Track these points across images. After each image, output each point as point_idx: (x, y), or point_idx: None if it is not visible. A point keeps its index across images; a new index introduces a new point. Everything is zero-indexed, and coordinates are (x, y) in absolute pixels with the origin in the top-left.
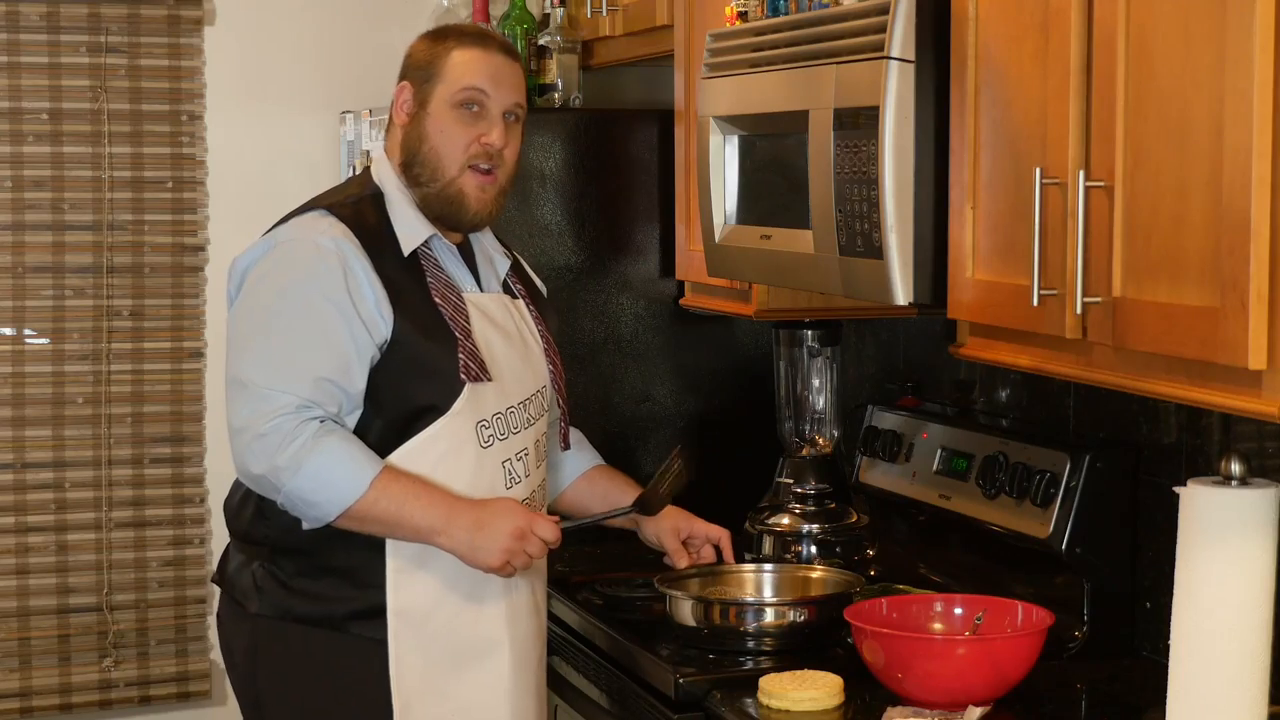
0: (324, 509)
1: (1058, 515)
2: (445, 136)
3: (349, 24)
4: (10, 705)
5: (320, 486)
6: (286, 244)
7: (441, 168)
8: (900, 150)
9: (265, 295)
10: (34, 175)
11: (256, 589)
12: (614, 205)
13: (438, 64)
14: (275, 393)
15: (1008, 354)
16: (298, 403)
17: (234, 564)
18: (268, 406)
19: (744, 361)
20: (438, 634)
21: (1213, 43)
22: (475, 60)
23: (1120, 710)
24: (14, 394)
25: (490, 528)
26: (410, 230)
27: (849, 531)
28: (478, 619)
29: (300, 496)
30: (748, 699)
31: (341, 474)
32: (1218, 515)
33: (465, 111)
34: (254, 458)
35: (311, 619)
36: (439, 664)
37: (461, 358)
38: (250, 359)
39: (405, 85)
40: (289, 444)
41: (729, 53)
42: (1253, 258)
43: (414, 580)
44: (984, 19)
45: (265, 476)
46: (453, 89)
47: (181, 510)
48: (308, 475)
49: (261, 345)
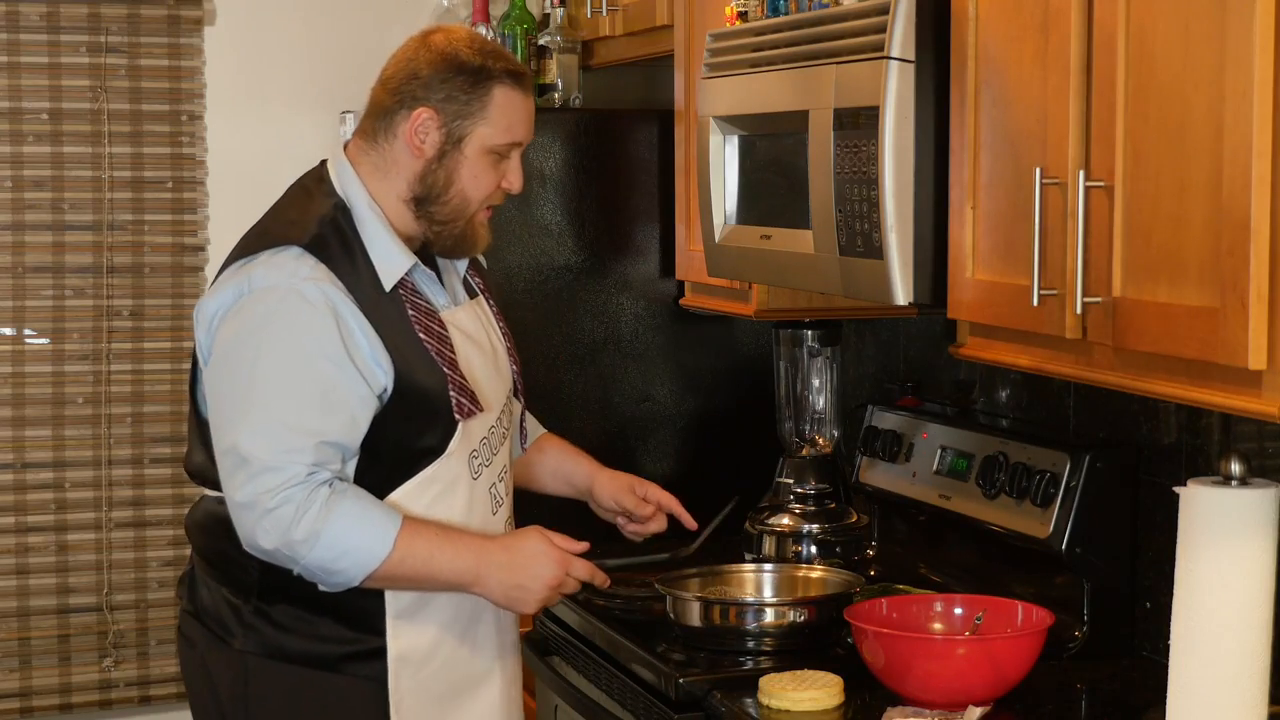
0: (348, 575)
1: (1058, 515)
2: (476, 183)
3: (349, 24)
4: (10, 705)
5: (341, 554)
6: (265, 292)
7: (465, 210)
8: (900, 150)
9: (251, 353)
10: (34, 175)
11: (242, 625)
12: (614, 205)
13: (478, 103)
14: (279, 466)
15: (1008, 354)
16: (306, 472)
17: (208, 593)
18: (274, 481)
19: (744, 361)
20: (436, 673)
21: (1213, 43)
22: (519, 106)
23: (1120, 710)
24: (14, 394)
25: (525, 574)
26: (389, 262)
27: (849, 531)
28: (473, 654)
29: (321, 567)
30: (748, 699)
31: (361, 539)
32: (1218, 515)
33: (498, 158)
34: (265, 535)
35: (304, 659)
36: (436, 701)
37: (453, 396)
38: (244, 428)
39: (430, 114)
40: (302, 516)
41: (729, 53)
42: (1253, 258)
43: (413, 625)
44: (984, 19)
45: (279, 550)
46: (499, 137)
47: (181, 510)
48: (327, 545)
49: (257, 414)
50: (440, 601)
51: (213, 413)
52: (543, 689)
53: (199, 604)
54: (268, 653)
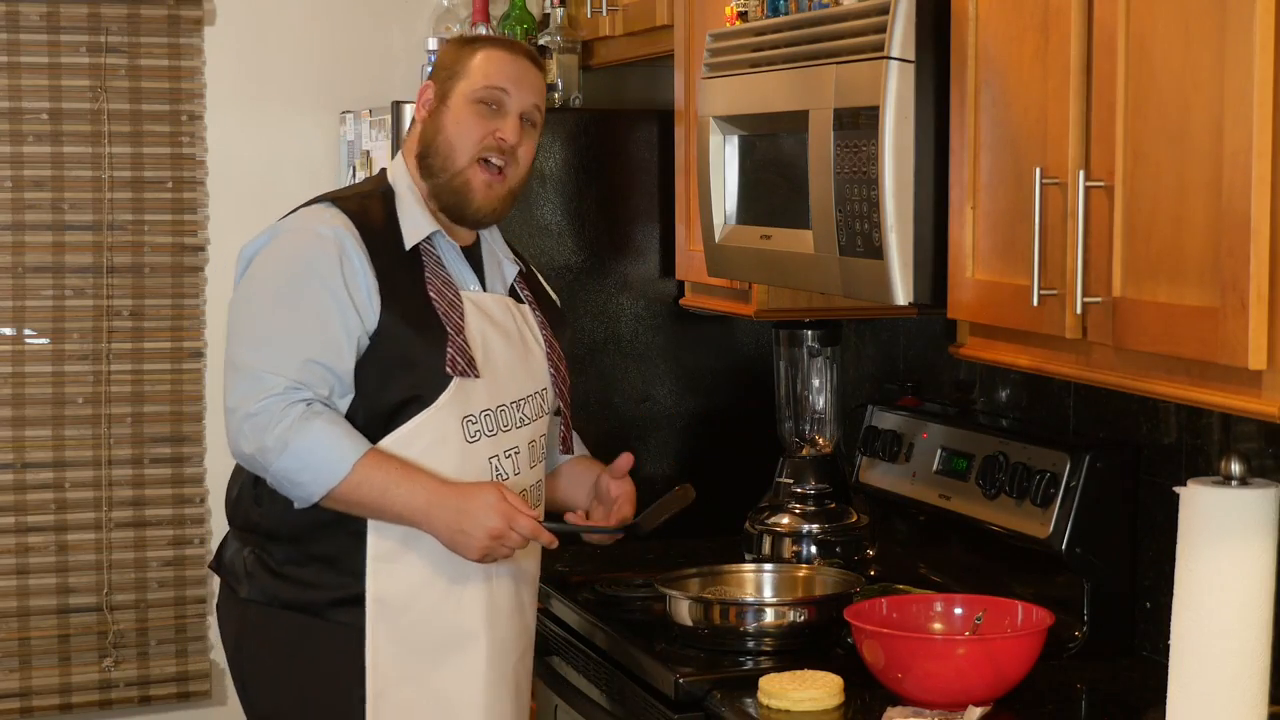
0: (308, 489)
1: (1058, 515)
2: (460, 128)
3: (349, 24)
4: (10, 705)
5: (304, 467)
6: (288, 233)
7: (453, 157)
8: (900, 150)
9: (262, 280)
10: (34, 175)
11: (247, 574)
12: (614, 205)
13: (463, 63)
14: (265, 374)
15: (1008, 354)
16: (286, 384)
17: (230, 550)
18: (258, 387)
19: (744, 361)
20: (415, 624)
21: (1213, 43)
22: (500, 61)
23: (1120, 710)
24: (14, 394)
25: (470, 520)
26: (414, 225)
27: (849, 531)
28: (456, 610)
29: (286, 476)
30: (748, 699)
31: (325, 455)
32: (1218, 515)
33: (484, 107)
34: (244, 438)
35: (296, 605)
36: (415, 653)
37: (450, 352)
38: (244, 341)
39: (429, 84)
40: (276, 424)
41: (729, 53)
42: (1253, 258)
43: (393, 570)
44: (984, 19)
45: (254, 456)
46: (474, 85)
47: (181, 510)
48: (293, 455)
49: (256, 328)
50: (422, 550)
51: (227, 335)
52: (543, 689)
53: (221, 561)
54: (266, 600)
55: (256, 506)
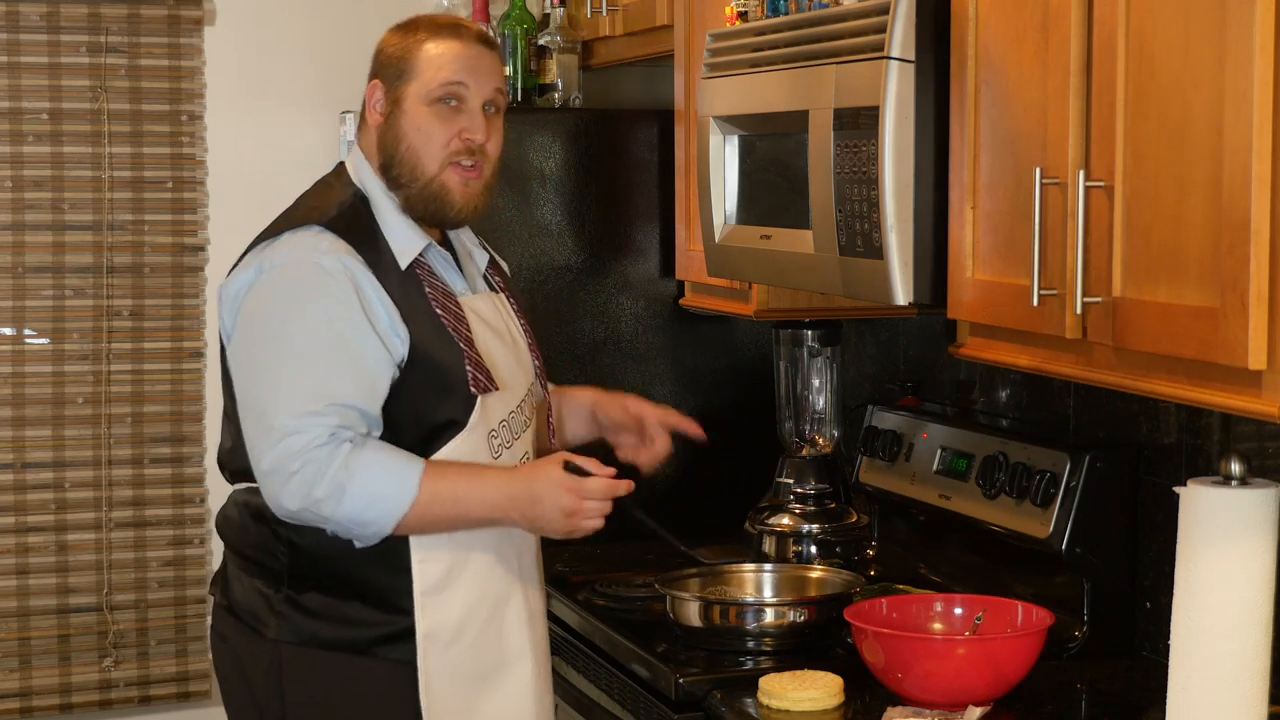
0: (378, 525)
1: (1058, 515)
2: (423, 135)
3: (349, 24)
4: (10, 705)
5: (369, 504)
6: (286, 268)
7: (421, 167)
8: (900, 150)
9: (274, 324)
10: (34, 175)
11: (273, 613)
12: (614, 205)
13: (410, 59)
14: (305, 431)
15: (1008, 354)
16: (328, 433)
17: (240, 586)
18: (298, 444)
19: (744, 361)
20: (465, 653)
21: (1213, 43)
22: (450, 52)
23: (1120, 710)
24: (14, 394)
25: (543, 507)
26: (404, 242)
27: (849, 531)
28: (501, 633)
29: (351, 519)
30: (748, 699)
31: (386, 485)
32: (1218, 515)
33: (443, 107)
34: (289, 496)
35: (339, 645)
36: (467, 682)
37: (469, 370)
38: (270, 397)
39: (376, 84)
40: (324, 473)
41: (729, 53)
42: (1253, 258)
43: (441, 601)
44: (984, 19)
45: (305, 510)
46: (428, 85)
47: (181, 510)
48: (353, 497)
49: (281, 381)
50: (468, 577)
51: (238, 387)
52: None
53: (231, 598)
54: (300, 640)
55: (278, 543)
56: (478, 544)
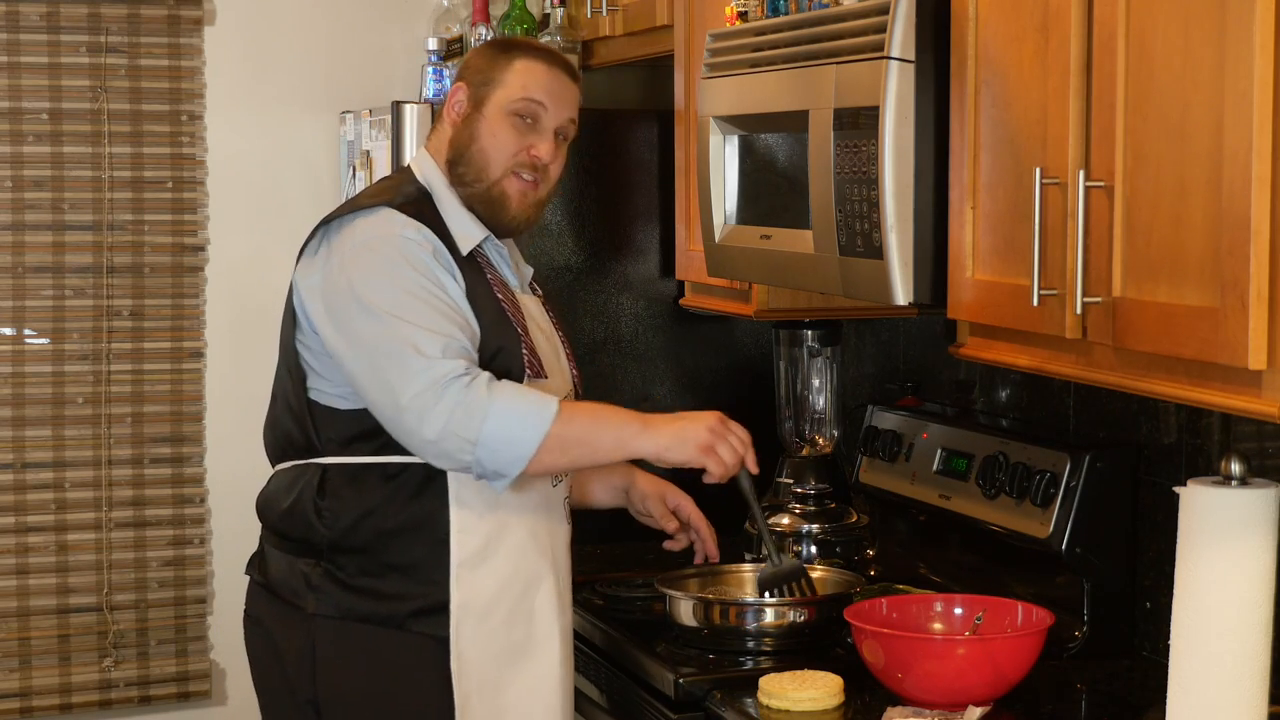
0: (522, 446)
1: (1058, 515)
2: (495, 140)
3: (349, 24)
4: (10, 705)
5: (515, 422)
6: (370, 242)
7: (487, 169)
8: (900, 150)
9: (381, 286)
10: (34, 175)
11: (311, 588)
12: (614, 205)
13: (499, 70)
14: (442, 364)
15: (1008, 354)
16: (464, 367)
17: (278, 564)
18: (439, 372)
19: (744, 361)
20: (496, 629)
21: (1213, 43)
22: (538, 72)
23: (1120, 710)
24: (14, 394)
25: (688, 421)
26: (465, 231)
27: (849, 531)
28: (531, 613)
29: (499, 437)
30: (748, 699)
31: (528, 403)
32: (1218, 515)
33: (519, 120)
34: (431, 423)
35: (374, 618)
36: (497, 659)
37: (524, 353)
38: (399, 341)
39: (461, 86)
40: (468, 399)
41: (729, 53)
42: (1253, 258)
43: (476, 575)
44: (984, 19)
45: (452, 435)
46: (511, 96)
47: (181, 510)
48: (499, 414)
49: (406, 325)
50: (503, 552)
51: (356, 361)
52: None
53: (269, 575)
54: (338, 614)
55: (320, 519)
56: (514, 520)
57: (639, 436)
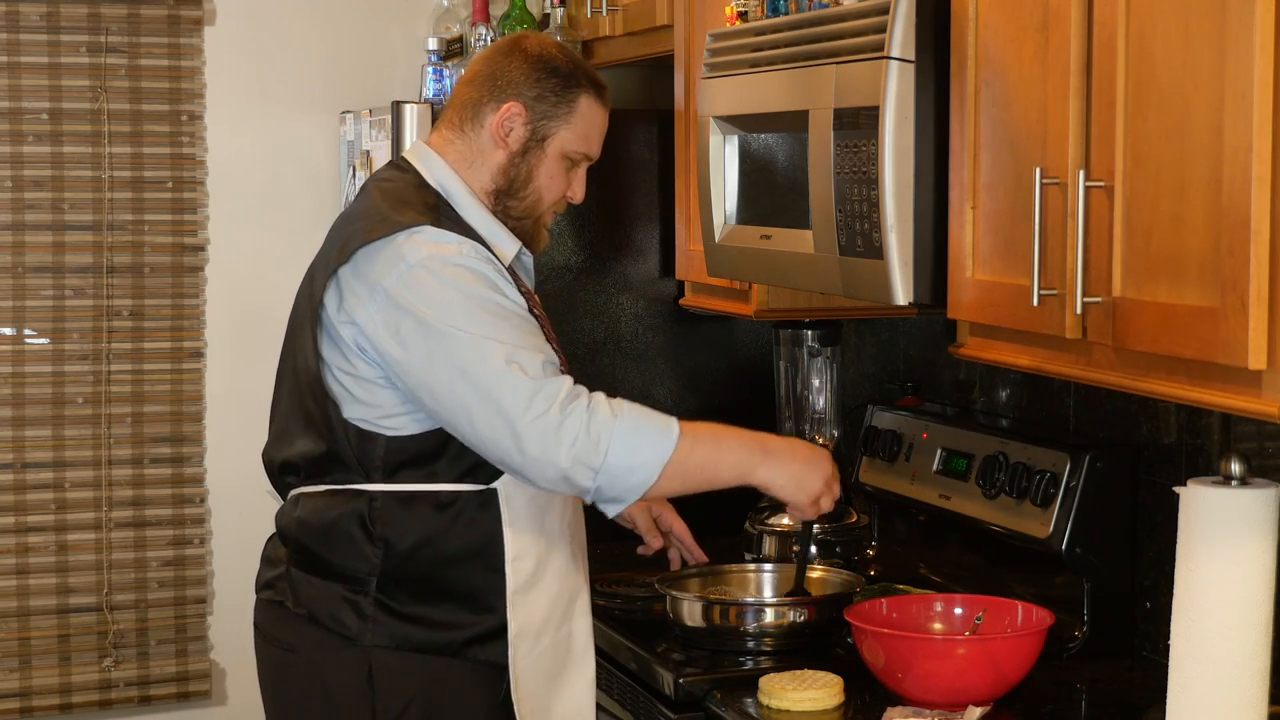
0: (646, 469)
1: (1058, 515)
2: (551, 183)
3: (349, 24)
4: (10, 705)
5: (636, 448)
6: (429, 262)
7: (536, 207)
8: (900, 150)
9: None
10: (34, 175)
11: (362, 619)
12: (614, 205)
13: (569, 107)
14: (551, 383)
15: (1008, 354)
16: (571, 383)
17: (312, 591)
18: (553, 392)
19: (744, 361)
20: (545, 651)
21: (1213, 43)
22: (600, 119)
23: (1120, 710)
24: (14, 394)
25: (808, 464)
26: (499, 242)
27: (849, 531)
28: (571, 631)
29: (621, 465)
30: (748, 699)
31: (651, 426)
32: (1218, 515)
33: (569, 163)
34: (558, 448)
35: (430, 647)
36: (546, 677)
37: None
38: (497, 363)
39: (519, 108)
40: (593, 421)
41: (729, 53)
42: (1253, 258)
43: (528, 599)
44: (984, 19)
45: (578, 460)
46: (574, 144)
47: (181, 510)
48: (622, 439)
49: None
50: (550, 574)
51: (450, 391)
52: None
53: (303, 601)
54: (394, 644)
55: (373, 547)
56: (559, 541)
57: (759, 469)
